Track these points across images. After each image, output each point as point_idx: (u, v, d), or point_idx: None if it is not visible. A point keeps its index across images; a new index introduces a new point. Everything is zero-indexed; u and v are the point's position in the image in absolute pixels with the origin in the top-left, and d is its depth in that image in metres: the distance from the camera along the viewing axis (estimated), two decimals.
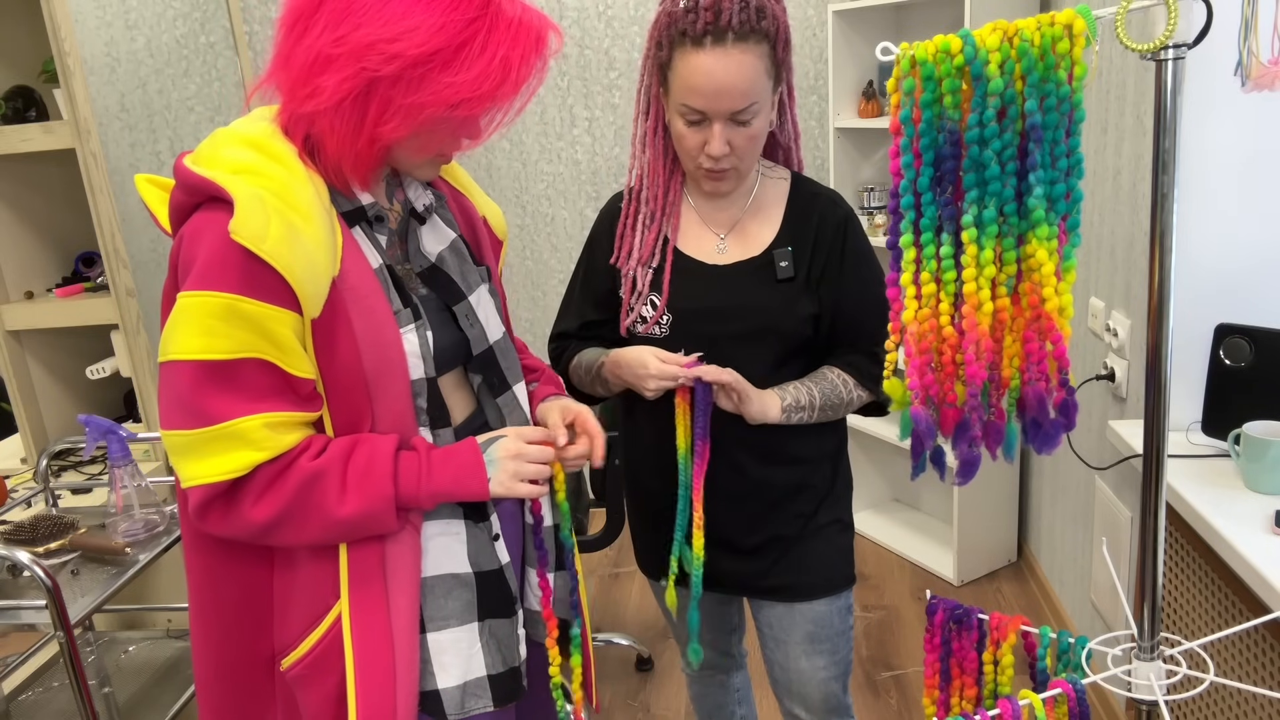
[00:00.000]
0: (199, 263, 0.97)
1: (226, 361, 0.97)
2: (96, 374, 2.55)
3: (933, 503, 3.34)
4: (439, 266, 1.16)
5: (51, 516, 1.88)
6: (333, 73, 0.96)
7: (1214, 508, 1.50)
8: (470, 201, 1.27)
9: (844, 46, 3.02)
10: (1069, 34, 0.81)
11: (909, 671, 2.58)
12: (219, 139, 1.04)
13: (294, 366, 1.01)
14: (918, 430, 0.92)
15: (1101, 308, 2.22)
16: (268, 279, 0.96)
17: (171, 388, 0.99)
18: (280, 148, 1.02)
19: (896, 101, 0.88)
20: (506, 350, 1.22)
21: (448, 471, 1.08)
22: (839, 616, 1.52)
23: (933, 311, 0.90)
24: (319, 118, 0.99)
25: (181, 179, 1.02)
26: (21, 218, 2.53)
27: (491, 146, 3.48)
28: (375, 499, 1.03)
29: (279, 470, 1.02)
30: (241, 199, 0.96)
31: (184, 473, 1.01)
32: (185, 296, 0.96)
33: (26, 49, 2.49)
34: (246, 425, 0.98)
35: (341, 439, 1.06)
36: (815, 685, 1.53)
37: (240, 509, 1.01)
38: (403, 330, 1.07)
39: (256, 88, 1.05)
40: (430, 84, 0.96)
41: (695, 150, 1.31)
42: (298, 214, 0.99)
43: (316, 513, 1.02)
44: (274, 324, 0.98)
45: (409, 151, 1.06)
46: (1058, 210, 0.86)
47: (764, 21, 1.23)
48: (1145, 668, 1.01)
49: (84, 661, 1.99)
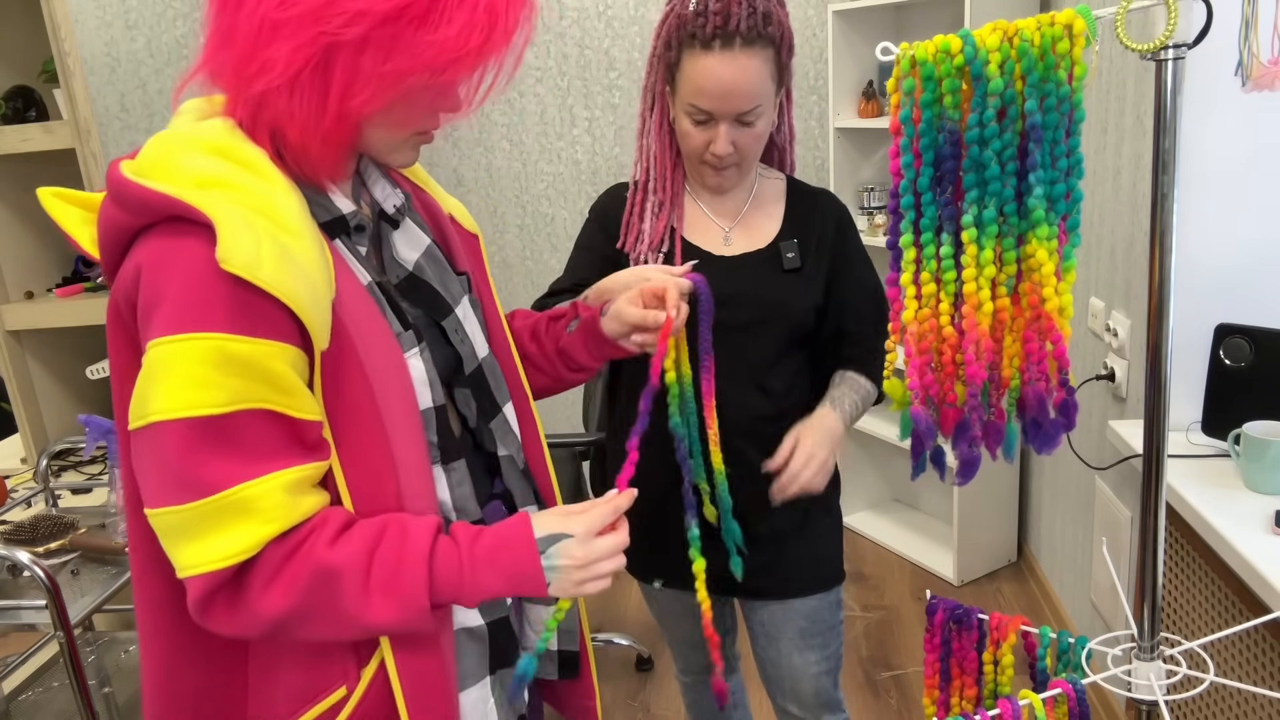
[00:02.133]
0: (170, 300, 0.80)
1: (222, 416, 0.81)
2: (96, 374, 2.55)
3: (933, 503, 3.34)
4: (418, 276, 1.01)
5: (51, 516, 1.88)
6: (282, 41, 0.81)
7: (1214, 508, 1.50)
8: (433, 199, 1.12)
9: (844, 46, 3.02)
10: (1069, 34, 0.81)
11: (909, 671, 2.58)
12: (171, 145, 0.86)
13: (299, 409, 0.85)
14: (918, 430, 0.92)
15: (1101, 308, 2.22)
16: (260, 309, 0.81)
17: (156, 456, 0.81)
18: (250, 152, 0.86)
19: (896, 101, 0.88)
20: (493, 368, 1.08)
21: (496, 575, 0.90)
22: (830, 611, 1.54)
23: (933, 311, 0.90)
24: (273, 98, 0.84)
25: (125, 195, 0.83)
26: (21, 218, 2.53)
27: (491, 146, 3.48)
28: (407, 608, 0.87)
29: (289, 550, 0.85)
30: (223, 219, 0.80)
31: (181, 559, 0.83)
32: (162, 345, 0.79)
33: (26, 49, 2.49)
34: (254, 491, 0.82)
35: (367, 523, 0.88)
36: (808, 680, 1.54)
37: (247, 598, 0.84)
38: (407, 355, 0.93)
39: (191, 74, 0.88)
40: (405, 45, 0.82)
41: (700, 148, 1.35)
42: (287, 232, 0.84)
43: (338, 614, 0.86)
44: (273, 362, 0.82)
45: (384, 129, 0.91)
46: (1058, 210, 0.87)
47: (770, 27, 1.27)
48: (1145, 668, 1.01)
49: (84, 661, 1.99)
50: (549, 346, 1.21)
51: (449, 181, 3.53)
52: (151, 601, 0.93)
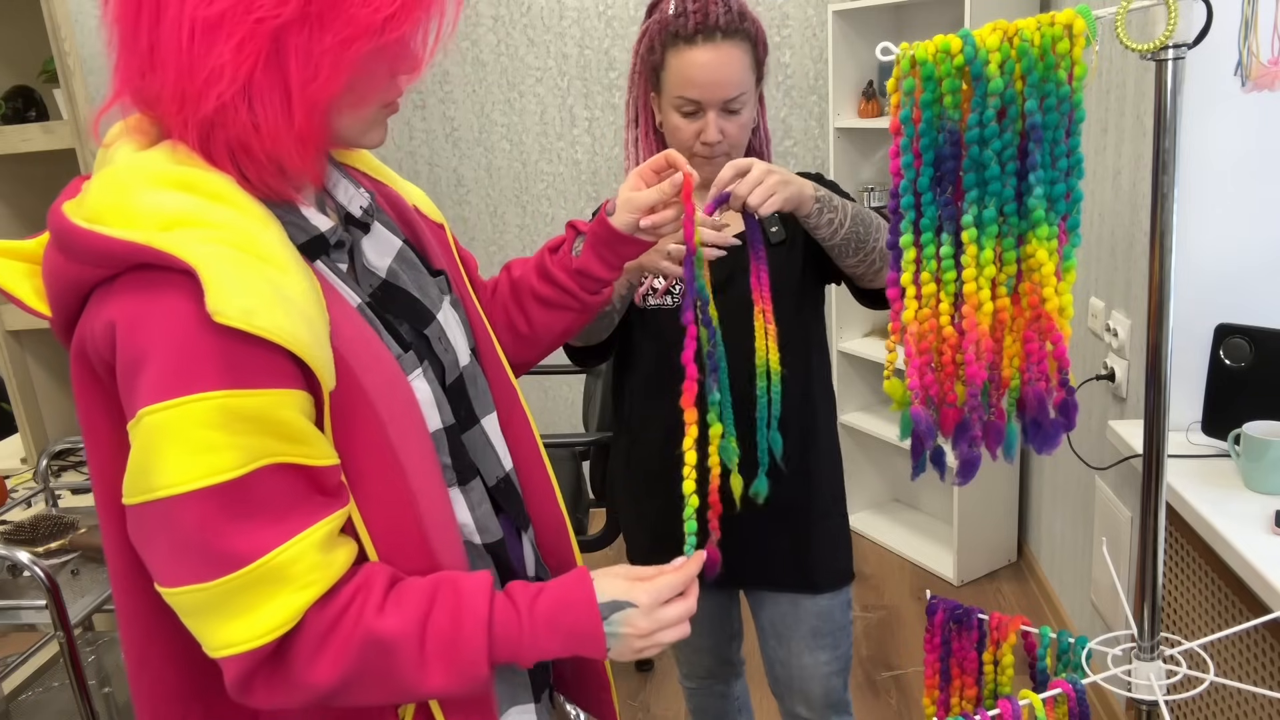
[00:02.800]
0: (156, 362, 0.73)
1: (239, 479, 0.74)
2: None
3: (933, 503, 3.34)
4: (393, 284, 0.93)
5: (51, 516, 1.88)
6: (222, 42, 0.73)
7: (1214, 508, 1.50)
8: (393, 189, 1.03)
9: (844, 46, 3.02)
10: (1069, 34, 0.81)
11: (909, 671, 2.58)
12: (123, 182, 0.76)
13: (315, 456, 0.78)
14: (918, 430, 0.92)
15: (1101, 308, 2.22)
16: (258, 358, 0.74)
17: (171, 532, 0.75)
18: (215, 181, 0.77)
19: (896, 101, 0.88)
20: (475, 377, 1.01)
21: (556, 636, 0.85)
22: (841, 611, 1.54)
23: (933, 311, 0.90)
24: (229, 113, 0.75)
25: (78, 245, 0.75)
26: (21, 218, 2.53)
27: (491, 146, 3.48)
28: (466, 676, 0.82)
29: (335, 617, 0.79)
30: (204, 265, 0.72)
31: (212, 639, 0.76)
32: (157, 412, 0.72)
33: (26, 49, 2.49)
34: (288, 555, 0.75)
35: (414, 584, 0.83)
36: (818, 681, 1.54)
37: (292, 672, 0.78)
38: (410, 378, 0.87)
39: (107, 106, 0.81)
40: (340, 11, 0.75)
41: (691, 140, 1.38)
42: (274, 267, 0.76)
43: (392, 683, 0.81)
44: (281, 411, 0.76)
45: (351, 110, 0.82)
46: (1058, 210, 0.87)
47: (746, 23, 1.35)
48: (1145, 668, 1.01)
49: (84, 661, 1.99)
50: (561, 276, 1.12)
51: (449, 181, 3.53)
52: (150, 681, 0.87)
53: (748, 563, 1.51)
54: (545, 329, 1.15)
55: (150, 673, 0.86)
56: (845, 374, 3.26)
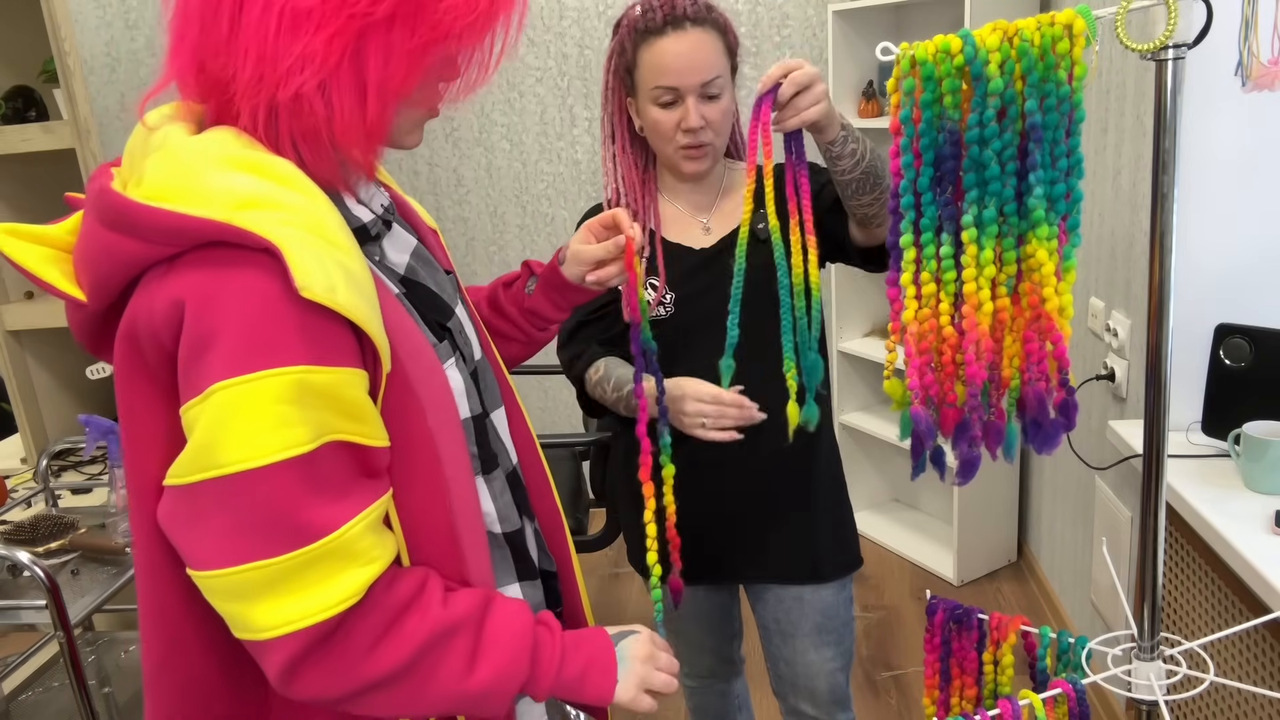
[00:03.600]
0: (233, 336, 0.73)
1: (310, 454, 0.75)
2: (96, 374, 2.55)
3: (933, 503, 3.34)
4: (411, 279, 0.95)
5: (51, 516, 1.88)
6: (317, 31, 0.74)
7: (1214, 508, 1.50)
8: (402, 196, 1.07)
9: (844, 46, 3.02)
10: (1069, 34, 0.81)
11: (909, 671, 2.58)
12: (188, 163, 0.77)
13: (372, 436, 0.80)
14: (918, 430, 0.92)
15: (1101, 308, 2.22)
16: (333, 335, 0.76)
17: (239, 508, 0.74)
18: (283, 167, 0.79)
19: (896, 101, 0.88)
20: (485, 372, 1.04)
21: (578, 661, 0.90)
22: (844, 607, 1.55)
23: (933, 311, 0.91)
24: (304, 102, 0.77)
25: (141, 222, 0.75)
26: (21, 218, 2.52)
27: (491, 146, 3.48)
28: (506, 679, 0.85)
29: (403, 603, 0.81)
30: (286, 243, 0.73)
31: (267, 619, 0.75)
32: (231, 386, 0.72)
33: (26, 49, 2.49)
34: (355, 532, 0.77)
35: (468, 593, 0.86)
36: (824, 677, 1.55)
37: (349, 655, 0.78)
38: (445, 366, 0.90)
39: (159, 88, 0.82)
40: (426, 14, 0.77)
41: (672, 130, 1.38)
42: (340, 250, 0.78)
43: (438, 678, 0.83)
44: (349, 390, 0.77)
45: (411, 110, 0.86)
46: (1058, 210, 0.87)
47: (714, 14, 1.37)
48: (1145, 668, 1.01)
49: (84, 661, 1.99)
50: (512, 311, 1.19)
51: (449, 181, 3.53)
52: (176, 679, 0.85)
53: (750, 558, 1.51)
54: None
55: (175, 669, 0.85)
56: (845, 374, 3.26)
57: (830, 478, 1.54)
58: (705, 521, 1.50)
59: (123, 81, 3.35)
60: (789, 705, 1.61)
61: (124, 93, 3.35)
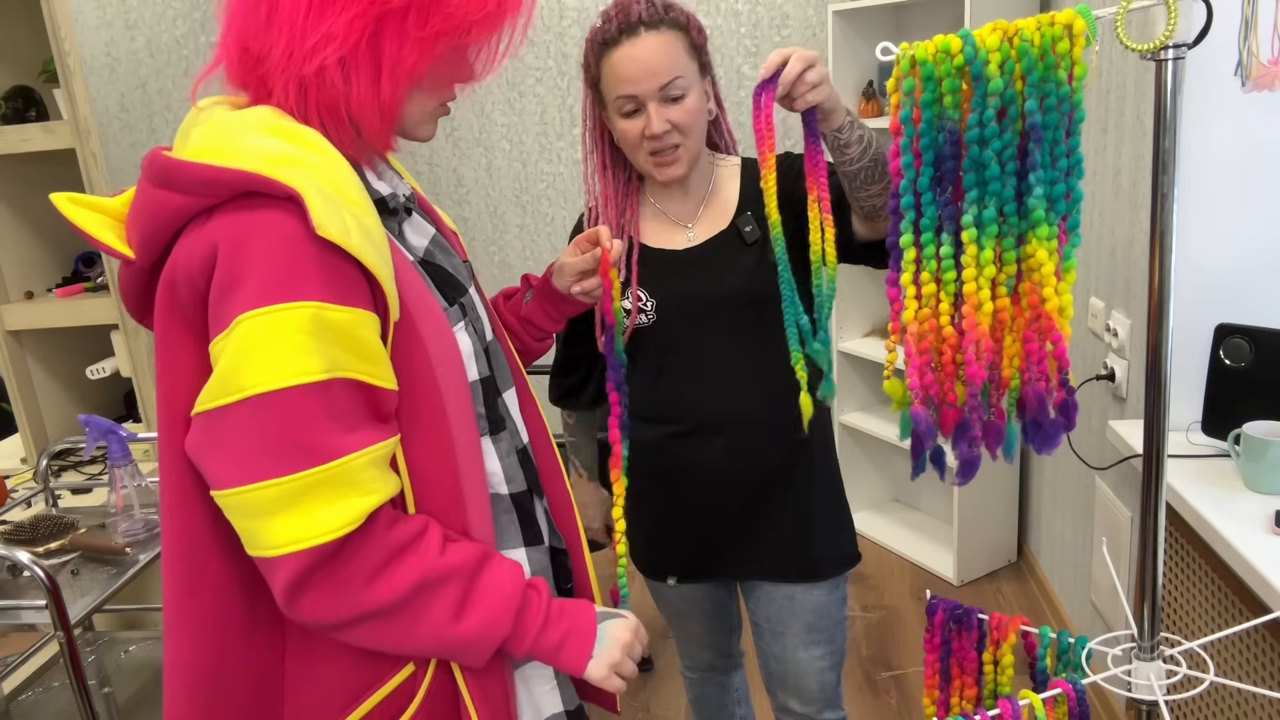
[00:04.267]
0: (260, 271, 0.81)
1: (324, 383, 0.82)
2: (96, 374, 2.55)
3: (933, 503, 3.34)
4: (429, 261, 1.04)
5: (51, 516, 1.88)
6: (339, 13, 0.85)
7: (1214, 508, 1.50)
8: (424, 197, 1.17)
9: (844, 46, 3.02)
10: (1069, 34, 0.81)
11: (909, 671, 2.58)
12: (229, 128, 0.87)
13: (381, 378, 0.87)
14: (918, 430, 0.92)
15: (1101, 308, 2.22)
16: (349, 277, 0.84)
17: (258, 429, 0.81)
18: (310, 134, 0.88)
19: (896, 101, 0.88)
20: (497, 352, 1.11)
21: (559, 629, 0.96)
22: (837, 606, 1.55)
23: (933, 311, 0.91)
24: (325, 75, 0.87)
25: (185, 176, 0.84)
26: (22, 218, 2.53)
27: (491, 146, 3.48)
28: (490, 629, 0.91)
29: (404, 542, 0.88)
30: (307, 192, 0.81)
31: (276, 536, 0.82)
32: (258, 316, 0.80)
33: (26, 49, 2.49)
34: (359, 462, 0.84)
35: (467, 545, 0.93)
36: (813, 676, 1.55)
37: (351, 583, 0.85)
38: (455, 329, 0.98)
39: (215, 64, 0.91)
40: (440, 7, 0.87)
41: (638, 139, 1.36)
42: (357, 206, 0.87)
43: (427, 620, 0.89)
44: (361, 330, 0.85)
45: (422, 96, 0.95)
46: (1058, 210, 0.87)
47: (671, 13, 1.34)
48: (1145, 668, 1.01)
49: (84, 661, 1.99)
50: (511, 321, 1.28)
51: (449, 181, 3.53)
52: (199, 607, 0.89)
53: (744, 556, 1.51)
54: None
55: (197, 605, 0.89)
56: (845, 374, 3.26)
57: (826, 476, 1.54)
58: (702, 519, 1.51)
59: (123, 81, 3.35)
60: (778, 702, 1.62)
61: (124, 93, 3.36)
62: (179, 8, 3.33)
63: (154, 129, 3.31)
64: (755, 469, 1.47)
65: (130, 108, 3.37)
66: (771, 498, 1.49)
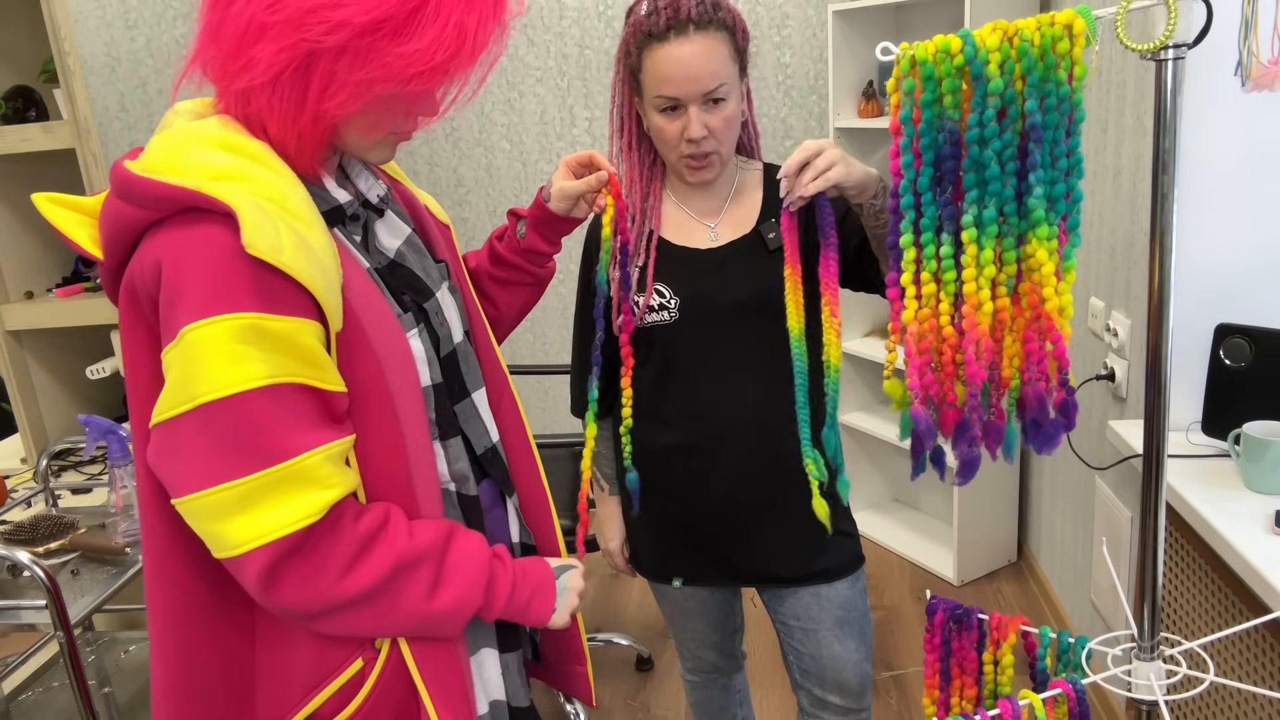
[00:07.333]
0: (199, 286, 0.84)
1: (270, 388, 0.85)
2: (96, 374, 2.55)
3: (933, 503, 3.34)
4: (399, 263, 1.05)
5: (51, 516, 1.88)
6: (267, 43, 0.85)
7: (1214, 508, 1.50)
8: (410, 191, 1.18)
9: (844, 46, 3.02)
10: (1069, 34, 0.81)
11: (909, 671, 2.58)
12: (178, 142, 0.89)
13: (328, 381, 0.90)
14: (918, 430, 0.92)
15: (1101, 308, 2.22)
16: (284, 291, 0.86)
17: (210, 435, 0.84)
18: (255, 146, 0.90)
19: (896, 101, 0.88)
20: (467, 354, 1.12)
21: (526, 589, 1.04)
22: (860, 598, 1.55)
23: (933, 311, 0.91)
24: (255, 94, 0.89)
25: (136, 190, 0.87)
26: (21, 218, 2.53)
27: (491, 146, 3.48)
28: (466, 600, 0.97)
29: (370, 532, 0.92)
30: (242, 207, 0.83)
31: (239, 534, 0.85)
32: (198, 329, 0.83)
33: (26, 49, 2.49)
34: (314, 460, 0.87)
35: (430, 525, 0.97)
36: (851, 668, 1.55)
37: (324, 580, 0.89)
38: (408, 335, 1.00)
39: (187, 69, 0.93)
40: (378, 56, 0.86)
41: (675, 139, 1.36)
42: (299, 220, 0.88)
43: (405, 601, 0.93)
44: (302, 337, 0.87)
45: (359, 131, 0.95)
46: (1058, 210, 0.87)
47: (721, 13, 1.32)
48: (1145, 668, 1.01)
49: (84, 661, 1.99)
50: (512, 258, 1.30)
51: (449, 181, 3.53)
52: (166, 594, 0.94)
53: (751, 561, 1.51)
54: (508, 306, 1.33)
55: (165, 584, 0.94)
56: (845, 374, 3.26)
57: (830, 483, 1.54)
58: (709, 524, 1.50)
59: (123, 81, 3.35)
60: (814, 697, 1.59)
61: (124, 93, 3.36)
62: (179, 8, 3.33)
63: (154, 129, 3.30)
64: (763, 474, 1.47)
65: (130, 108, 3.37)
66: (780, 503, 1.48)
